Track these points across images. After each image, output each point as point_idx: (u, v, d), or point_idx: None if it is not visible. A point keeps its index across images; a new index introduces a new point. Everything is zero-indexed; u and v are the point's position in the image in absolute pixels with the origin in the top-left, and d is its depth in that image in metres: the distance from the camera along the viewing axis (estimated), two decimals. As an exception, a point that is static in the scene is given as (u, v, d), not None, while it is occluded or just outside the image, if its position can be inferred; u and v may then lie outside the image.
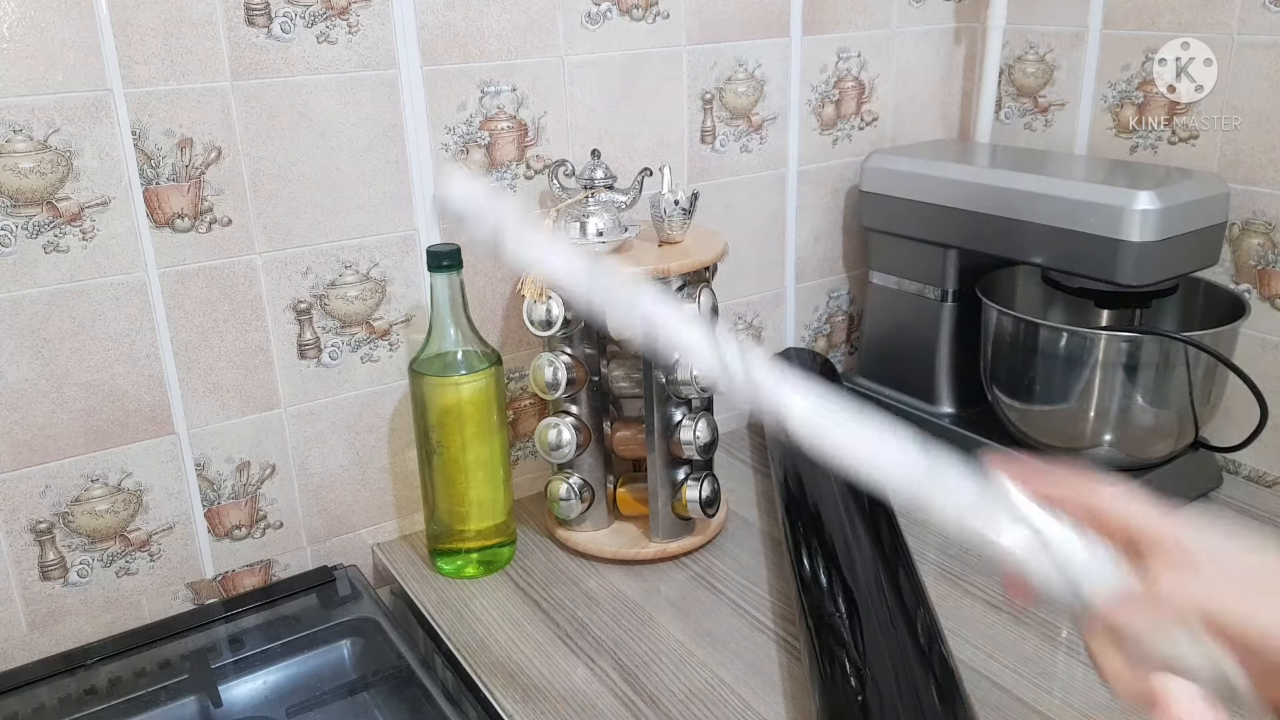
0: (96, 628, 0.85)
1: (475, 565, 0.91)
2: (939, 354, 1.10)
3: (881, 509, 0.88)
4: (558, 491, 0.91)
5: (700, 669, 0.77)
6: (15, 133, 0.73)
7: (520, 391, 1.02)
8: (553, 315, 0.85)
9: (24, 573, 0.81)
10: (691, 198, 0.90)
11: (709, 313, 0.86)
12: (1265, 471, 1.02)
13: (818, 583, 0.78)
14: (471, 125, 0.91)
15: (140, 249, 0.79)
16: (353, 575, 0.92)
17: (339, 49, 0.83)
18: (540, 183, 0.96)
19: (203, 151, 0.80)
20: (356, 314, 0.90)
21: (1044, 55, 1.14)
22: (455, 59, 0.89)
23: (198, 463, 0.86)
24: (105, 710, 0.76)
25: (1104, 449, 0.95)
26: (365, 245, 0.89)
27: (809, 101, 1.12)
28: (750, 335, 1.18)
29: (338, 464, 0.93)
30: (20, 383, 0.78)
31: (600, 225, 0.88)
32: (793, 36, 1.08)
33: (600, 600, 0.87)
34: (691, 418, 0.89)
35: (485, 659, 0.79)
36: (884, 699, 0.65)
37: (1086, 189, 0.91)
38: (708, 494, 0.90)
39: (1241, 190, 0.98)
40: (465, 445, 0.87)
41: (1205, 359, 0.91)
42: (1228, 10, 0.97)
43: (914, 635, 0.71)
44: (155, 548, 0.86)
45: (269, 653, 0.83)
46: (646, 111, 1.01)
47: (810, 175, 1.15)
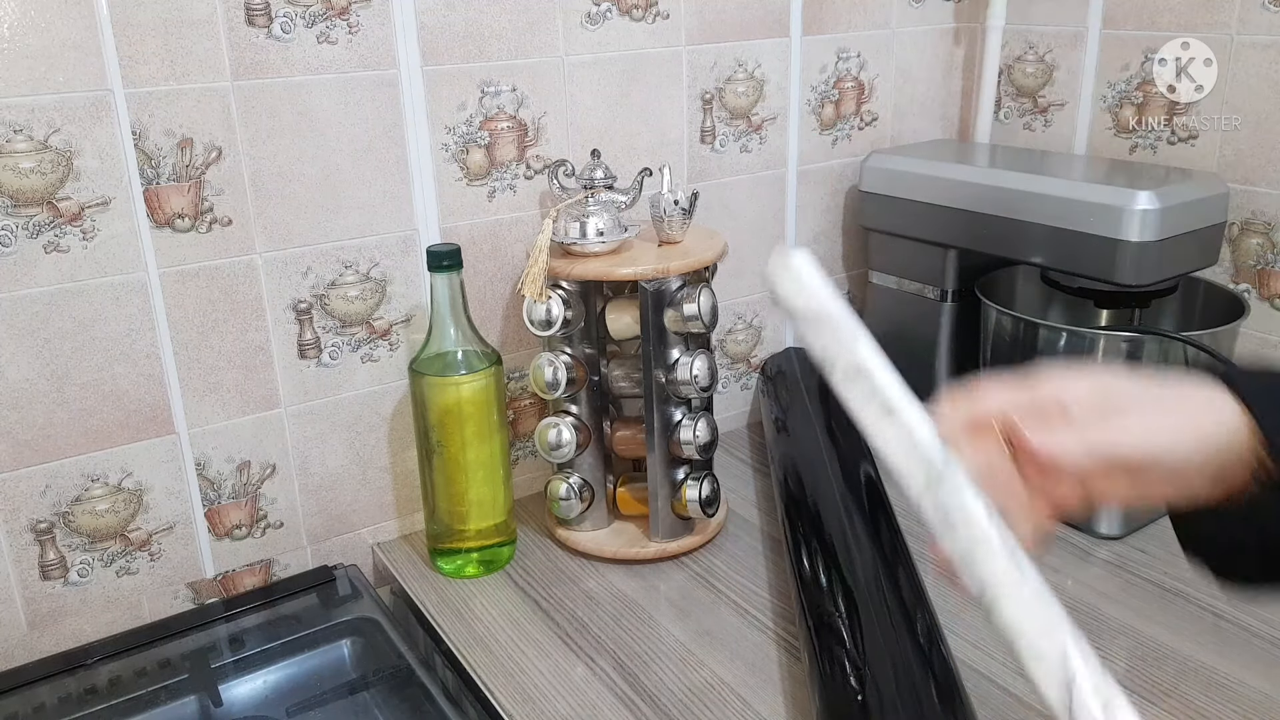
0: (97, 627, 0.85)
1: (475, 565, 0.91)
2: (939, 354, 1.10)
3: (882, 509, 0.88)
4: (558, 491, 0.91)
5: (700, 669, 0.77)
6: (16, 133, 0.73)
7: (520, 391, 1.02)
8: (553, 315, 0.85)
9: (24, 572, 0.81)
10: (691, 198, 0.90)
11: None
12: (1264, 471, 1.02)
13: (817, 582, 0.78)
14: (471, 125, 0.91)
15: (140, 249, 0.79)
16: (353, 575, 0.92)
17: (339, 49, 0.83)
18: (540, 183, 0.96)
19: (203, 151, 0.80)
20: (357, 314, 0.90)
21: (1043, 55, 1.14)
22: (455, 59, 0.89)
23: (198, 462, 0.86)
24: (105, 710, 0.76)
25: (1103, 449, 0.95)
26: (365, 245, 0.89)
27: (809, 101, 1.12)
28: (750, 335, 1.18)
29: (338, 464, 0.93)
30: (20, 383, 0.78)
31: (600, 225, 0.88)
32: (793, 36, 1.08)
33: (600, 600, 0.87)
34: (691, 418, 0.89)
35: (485, 659, 0.79)
36: (884, 699, 0.65)
37: (1086, 189, 0.91)
38: (707, 494, 0.90)
39: (1241, 190, 0.98)
40: (465, 445, 0.87)
41: (1205, 359, 0.91)
42: (1227, 10, 0.97)
43: (914, 635, 0.71)
44: (155, 547, 0.86)
45: (269, 652, 0.83)
46: (646, 111, 1.01)
47: (810, 175, 1.15)
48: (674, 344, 0.87)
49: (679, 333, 0.87)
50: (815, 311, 0.44)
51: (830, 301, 0.45)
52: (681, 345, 0.88)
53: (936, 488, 0.42)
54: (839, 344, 0.44)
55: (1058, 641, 0.39)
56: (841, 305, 0.44)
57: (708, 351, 0.88)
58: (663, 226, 0.90)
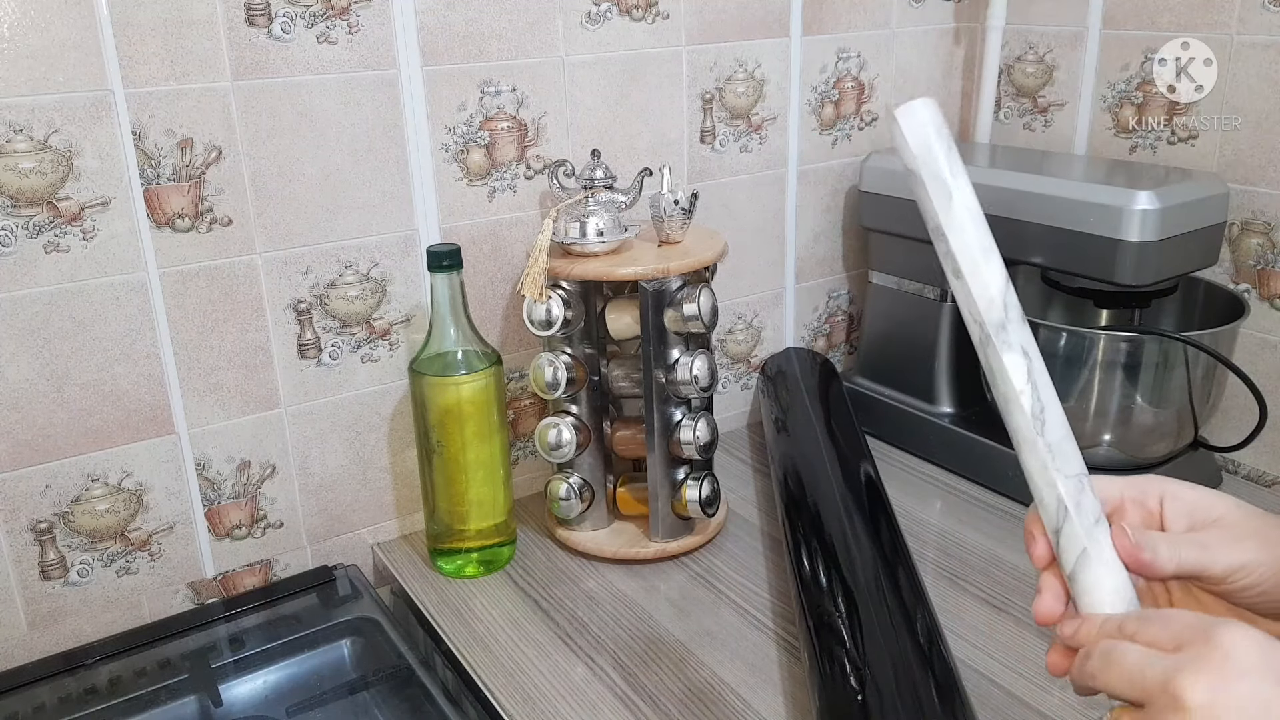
0: (97, 627, 0.85)
1: (475, 565, 0.91)
2: (939, 354, 1.10)
3: (882, 509, 0.88)
4: (558, 491, 0.91)
5: (700, 668, 0.77)
6: (16, 133, 0.73)
7: (520, 391, 1.02)
8: (553, 315, 0.85)
9: (24, 572, 0.81)
10: (691, 198, 0.90)
11: (710, 313, 0.86)
12: (1264, 471, 1.02)
13: (817, 582, 0.78)
14: (471, 125, 0.91)
15: (140, 249, 0.79)
16: (353, 575, 0.92)
17: (339, 49, 0.83)
18: (540, 183, 0.96)
19: (203, 151, 0.80)
20: (357, 314, 0.90)
21: (1043, 55, 1.14)
22: (455, 59, 0.89)
23: (198, 462, 0.86)
24: (105, 710, 0.76)
25: (1103, 449, 0.95)
26: (365, 245, 0.89)
27: (809, 101, 1.12)
28: (750, 335, 1.18)
29: (338, 464, 0.93)
30: (20, 383, 0.78)
31: (600, 225, 0.88)
32: (792, 36, 1.08)
33: (600, 600, 0.87)
34: (691, 418, 0.89)
35: (485, 659, 0.79)
36: (884, 699, 0.65)
37: (1086, 189, 0.91)
38: (707, 494, 0.90)
39: (1241, 190, 0.98)
40: (465, 445, 0.87)
41: (1204, 359, 0.91)
42: (1227, 10, 0.97)
43: (914, 635, 0.71)
44: (155, 547, 0.86)
45: (269, 652, 0.83)
46: (646, 111, 1.01)
47: (810, 175, 1.15)
48: (674, 344, 0.87)
49: (679, 333, 0.87)
50: (913, 170, 0.46)
51: (927, 161, 0.46)
52: (681, 345, 0.88)
53: (984, 347, 0.46)
54: (928, 204, 0.46)
55: (1063, 483, 0.44)
56: (939, 165, 0.45)
57: (708, 351, 0.88)
58: (663, 226, 0.90)
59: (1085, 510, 0.44)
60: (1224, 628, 0.38)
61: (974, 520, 0.97)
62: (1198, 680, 0.37)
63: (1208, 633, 0.38)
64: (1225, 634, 0.38)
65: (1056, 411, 0.45)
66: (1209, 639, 0.38)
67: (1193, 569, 0.44)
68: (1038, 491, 0.46)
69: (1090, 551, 0.44)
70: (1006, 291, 0.45)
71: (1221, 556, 0.44)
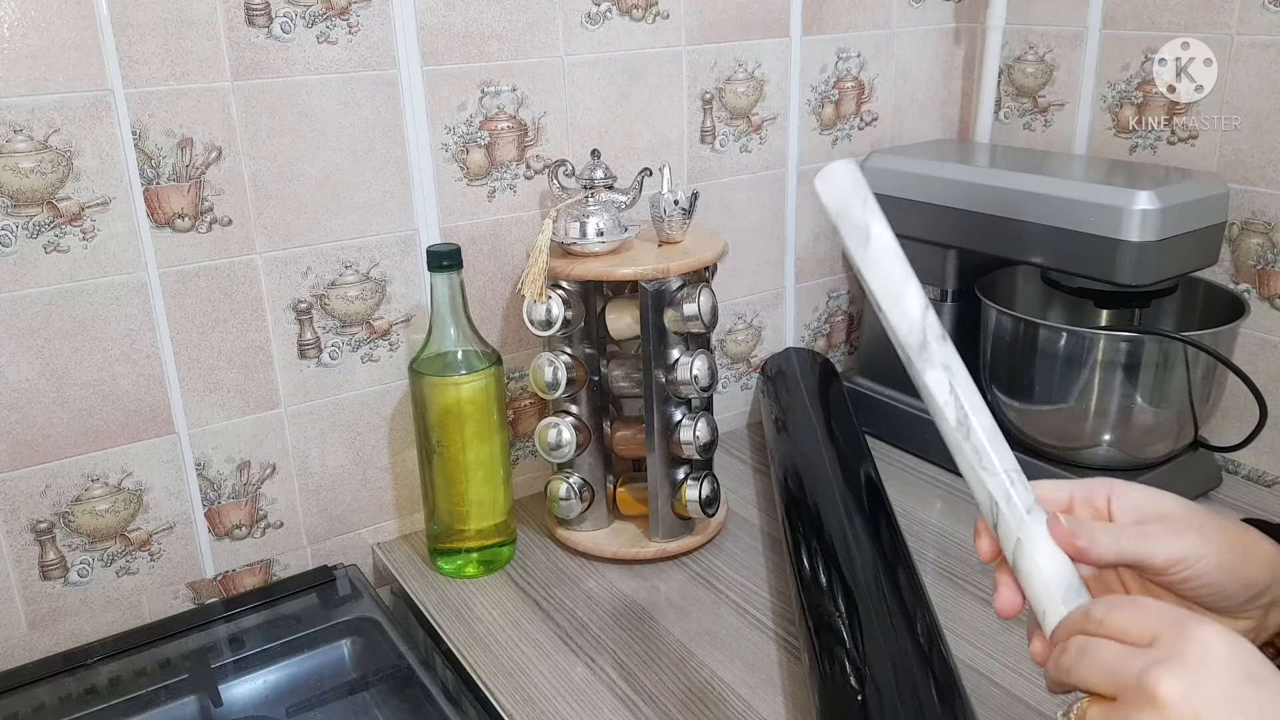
0: (97, 627, 0.85)
1: (475, 565, 0.91)
2: (939, 354, 1.10)
3: (881, 509, 0.88)
4: (558, 491, 0.91)
5: (700, 669, 0.77)
6: (16, 133, 0.73)
7: (520, 391, 1.02)
8: (553, 315, 0.85)
9: (24, 572, 0.81)
10: (691, 198, 0.90)
11: (710, 313, 0.86)
12: (1265, 471, 1.02)
13: (817, 582, 0.78)
14: (471, 125, 0.91)
15: (140, 249, 0.79)
16: (353, 575, 0.92)
17: (339, 49, 0.83)
18: (540, 183, 0.96)
19: (203, 151, 0.80)
20: (356, 314, 0.90)
21: (1043, 55, 1.14)
22: (455, 59, 0.89)
23: (198, 462, 0.86)
24: (105, 710, 0.76)
25: (1103, 449, 0.95)
26: (365, 245, 0.89)
27: (809, 101, 1.12)
28: (750, 335, 1.18)
29: (338, 464, 0.93)
30: (20, 383, 0.78)
31: (600, 225, 0.88)
32: (792, 36, 1.08)
33: (600, 600, 0.87)
34: (691, 418, 0.89)
35: (485, 659, 0.79)
36: (884, 699, 0.65)
37: (1086, 189, 0.91)
38: (707, 494, 0.90)
39: (1241, 190, 0.98)
40: (465, 445, 0.87)
41: (1204, 359, 0.91)
42: (1227, 10, 0.97)
43: (914, 635, 0.71)
44: (155, 547, 0.86)
45: (269, 652, 0.83)
46: (646, 111, 1.01)
47: (810, 175, 1.15)
48: (674, 344, 0.87)
49: (679, 333, 0.87)
50: (834, 224, 0.52)
51: (845, 215, 0.52)
52: (681, 345, 0.88)
53: (910, 368, 0.49)
54: (848, 250, 0.51)
55: (990, 480, 0.47)
56: (855, 215, 0.52)
57: (708, 351, 0.88)
58: (663, 226, 0.90)
59: (1015, 503, 0.47)
60: (1199, 624, 0.38)
61: (974, 520, 0.97)
62: (1173, 676, 0.37)
63: (1184, 628, 0.38)
64: (1200, 630, 0.38)
65: (982, 417, 0.48)
66: (1185, 634, 0.38)
67: (1132, 558, 0.46)
68: (973, 491, 0.48)
69: (1024, 540, 0.46)
70: (925, 314, 0.48)
71: (1161, 547, 0.45)
